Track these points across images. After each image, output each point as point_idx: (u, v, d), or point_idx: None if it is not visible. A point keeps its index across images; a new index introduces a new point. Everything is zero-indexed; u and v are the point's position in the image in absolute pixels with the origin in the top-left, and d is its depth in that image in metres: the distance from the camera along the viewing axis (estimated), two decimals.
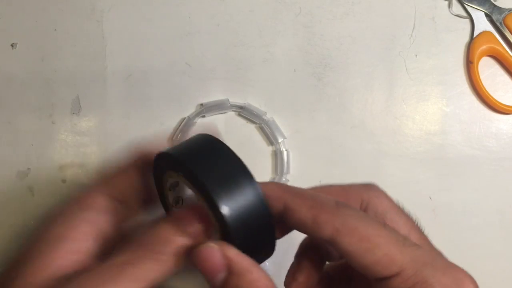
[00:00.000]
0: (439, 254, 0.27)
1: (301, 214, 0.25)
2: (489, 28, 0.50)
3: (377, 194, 0.28)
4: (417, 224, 0.29)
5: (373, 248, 0.24)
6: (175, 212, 0.26)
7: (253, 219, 0.24)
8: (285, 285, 0.29)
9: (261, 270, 0.24)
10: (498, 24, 0.50)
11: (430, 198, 0.49)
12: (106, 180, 0.27)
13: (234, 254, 0.24)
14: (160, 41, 0.51)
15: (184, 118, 0.49)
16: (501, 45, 0.50)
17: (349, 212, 0.25)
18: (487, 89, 0.49)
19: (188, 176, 0.25)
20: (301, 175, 0.49)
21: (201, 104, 0.50)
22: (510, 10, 0.50)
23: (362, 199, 0.27)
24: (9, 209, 0.47)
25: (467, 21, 0.51)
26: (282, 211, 0.26)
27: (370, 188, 0.28)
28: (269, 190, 0.26)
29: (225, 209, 0.23)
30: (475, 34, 0.50)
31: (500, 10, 0.50)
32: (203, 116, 0.50)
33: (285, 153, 0.49)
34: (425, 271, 0.24)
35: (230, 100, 0.49)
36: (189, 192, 0.30)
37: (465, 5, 0.51)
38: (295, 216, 0.25)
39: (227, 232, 0.24)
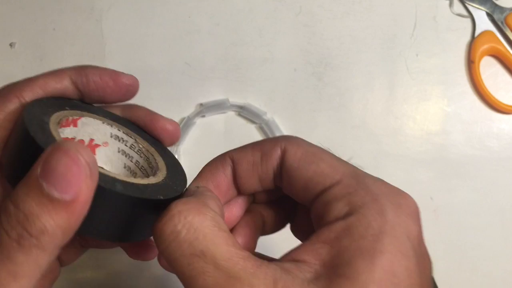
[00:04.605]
0: None
1: (249, 157, 0.26)
2: (491, 27, 0.50)
3: (295, 142, 0.27)
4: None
5: (317, 160, 0.25)
6: None
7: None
8: None
9: None
10: (499, 23, 0.50)
11: (431, 198, 0.48)
12: None
13: None
14: (160, 41, 0.51)
15: (184, 117, 0.49)
16: (503, 44, 0.50)
17: (291, 138, 0.27)
18: (488, 88, 0.49)
19: None
20: None
21: (201, 104, 0.49)
22: (511, 10, 0.50)
23: (280, 149, 0.27)
24: None
25: (468, 20, 0.51)
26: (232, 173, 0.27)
27: (287, 138, 0.28)
28: (213, 169, 0.27)
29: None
30: (476, 34, 0.50)
31: (501, 9, 0.50)
32: (203, 116, 0.49)
33: None
34: (366, 180, 0.24)
35: (230, 100, 0.49)
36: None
37: (466, 4, 0.51)
38: (245, 161, 0.26)
39: None
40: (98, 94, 0.28)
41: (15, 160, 0.23)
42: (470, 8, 0.51)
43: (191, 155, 0.49)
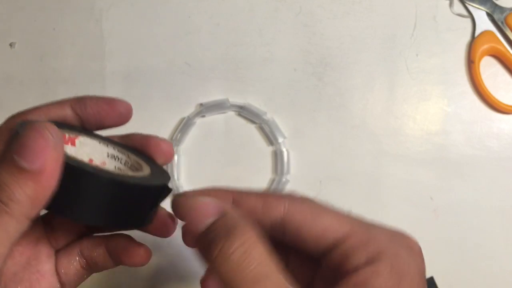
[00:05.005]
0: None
1: (251, 202, 0.28)
2: (491, 27, 0.50)
3: (299, 200, 0.29)
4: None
5: (323, 216, 0.27)
6: None
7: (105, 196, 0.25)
8: None
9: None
10: (499, 23, 0.50)
11: (431, 198, 0.48)
12: None
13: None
14: (160, 41, 0.51)
15: (184, 118, 0.49)
16: (503, 44, 0.50)
17: (294, 196, 0.29)
18: (488, 88, 0.49)
19: None
20: (301, 175, 0.49)
21: (201, 104, 0.49)
22: (511, 10, 0.50)
23: (284, 205, 0.29)
24: None
25: (469, 20, 0.51)
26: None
27: (291, 196, 0.30)
28: (214, 192, 0.29)
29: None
30: (476, 34, 0.50)
31: (501, 9, 0.50)
32: (203, 116, 0.49)
33: (285, 153, 0.48)
34: (373, 229, 0.27)
35: (230, 100, 0.49)
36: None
37: (466, 4, 0.51)
38: (246, 204, 0.28)
39: None
40: (95, 118, 0.30)
41: None
42: (470, 8, 0.51)
43: (191, 155, 0.49)
